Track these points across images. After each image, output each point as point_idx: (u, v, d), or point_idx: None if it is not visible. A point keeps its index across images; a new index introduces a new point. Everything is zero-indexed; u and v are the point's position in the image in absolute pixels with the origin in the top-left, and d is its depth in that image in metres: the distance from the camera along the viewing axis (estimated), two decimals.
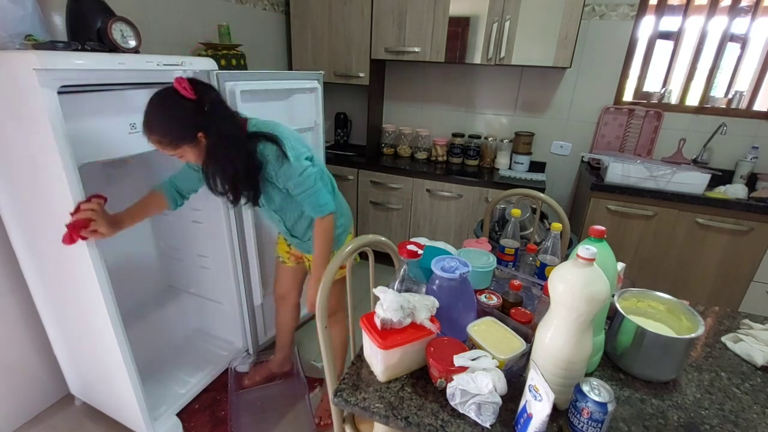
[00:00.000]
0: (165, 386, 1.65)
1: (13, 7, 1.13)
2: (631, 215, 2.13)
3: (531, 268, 1.26)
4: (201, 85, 1.07)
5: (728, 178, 2.28)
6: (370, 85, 2.63)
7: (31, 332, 1.54)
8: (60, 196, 1.11)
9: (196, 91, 1.03)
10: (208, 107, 1.05)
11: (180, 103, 1.02)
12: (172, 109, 1.03)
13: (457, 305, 0.89)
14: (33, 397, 1.60)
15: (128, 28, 1.26)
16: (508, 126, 2.73)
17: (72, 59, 1.05)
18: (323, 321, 0.96)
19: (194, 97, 1.02)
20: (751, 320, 1.10)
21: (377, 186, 2.66)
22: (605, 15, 2.32)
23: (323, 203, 1.24)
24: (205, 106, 1.05)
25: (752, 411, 0.81)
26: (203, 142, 1.07)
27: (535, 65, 2.26)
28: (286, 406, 1.69)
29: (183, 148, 1.07)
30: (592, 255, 0.68)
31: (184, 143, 1.06)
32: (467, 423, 0.74)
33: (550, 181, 2.70)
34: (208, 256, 1.82)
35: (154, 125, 1.03)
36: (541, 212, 1.75)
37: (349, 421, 1.02)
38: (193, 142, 1.06)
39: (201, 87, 1.06)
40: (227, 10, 2.26)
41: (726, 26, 2.20)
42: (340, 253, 0.98)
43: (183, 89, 1.01)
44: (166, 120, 1.03)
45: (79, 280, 1.23)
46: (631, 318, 0.88)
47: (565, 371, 0.73)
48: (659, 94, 2.41)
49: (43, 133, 1.03)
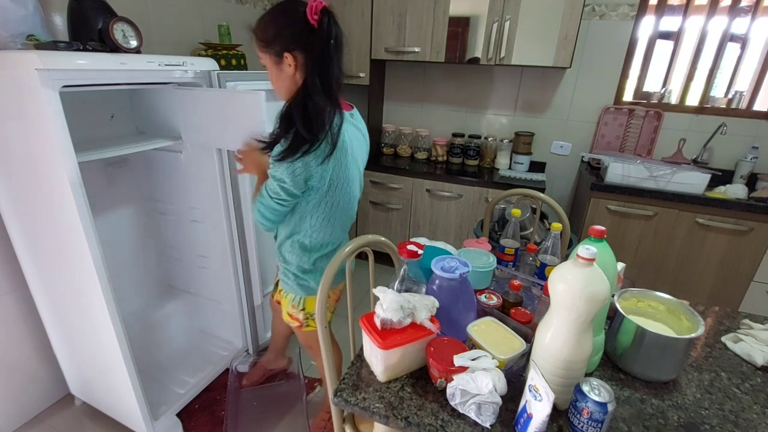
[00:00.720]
0: (165, 386, 1.65)
1: (15, 7, 1.13)
2: (631, 215, 2.13)
3: (531, 268, 1.26)
4: (330, 21, 0.98)
5: (728, 178, 2.28)
6: (370, 85, 2.63)
7: (31, 332, 1.54)
8: (61, 195, 1.11)
9: (320, 21, 0.96)
10: (317, 43, 0.97)
11: (297, 15, 0.97)
12: (287, 12, 0.99)
13: (457, 305, 0.89)
14: (33, 397, 1.60)
15: (130, 28, 1.26)
16: (508, 126, 2.73)
17: (74, 59, 1.06)
18: (323, 321, 0.96)
19: (314, 23, 0.96)
20: (751, 320, 1.10)
21: (377, 186, 2.66)
22: (605, 15, 2.32)
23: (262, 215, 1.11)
24: (315, 38, 0.97)
25: (752, 411, 0.81)
26: (287, 69, 1.02)
27: (535, 65, 2.26)
28: (286, 406, 1.69)
29: (268, 55, 1.03)
30: (592, 255, 0.68)
31: (270, 50, 1.01)
32: (467, 423, 0.74)
33: (550, 181, 2.70)
34: (208, 256, 1.82)
35: (263, 18, 1.01)
36: (541, 212, 1.75)
37: (349, 421, 1.02)
38: (279, 57, 1.01)
39: (328, 21, 0.98)
40: (227, 10, 2.26)
41: (726, 26, 2.20)
42: (340, 253, 0.98)
43: (310, 10, 0.95)
44: (272, 18, 1.00)
45: (79, 279, 1.23)
46: (631, 318, 0.88)
47: (565, 371, 0.73)
48: (659, 94, 2.41)
49: (45, 133, 1.03)
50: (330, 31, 0.99)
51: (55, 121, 1.02)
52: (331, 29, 0.99)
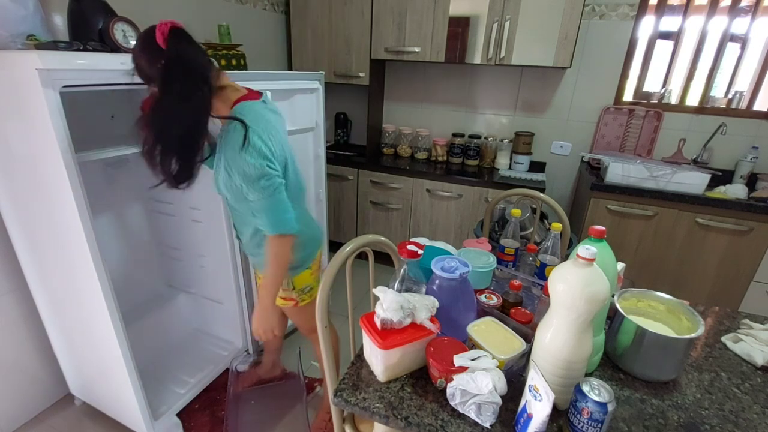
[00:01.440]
0: (165, 386, 1.65)
1: (15, 7, 1.13)
2: (631, 215, 2.13)
3: (531, 268, 1.26)
4: (178, 39, 0.97)
5: (728, 178, 2.28)
6: (370, 85, 2.63)
7: (31, 332, 1.54)
8: (61, 195, 1.11)
9: (169, 42, 0.95)
10: (165, 63, 0.96)
11: (151, 45, 0.95)
12: (144, 46, 0.97)
13: (457, 305, 0.89)
14: (33, 397, 1.60)
15: (130, 28, 1.26)
16: (508, 126, 2.73)
17: (74, 59, 1.06)
18: (323, 321, 0.96)
19: (164, 46, 0.95)
20: (751, 320, 1.10)
21: (377, 186, 2.66)
22: (605, 15, 2.32)
23: (279, 220, 1.09)
24: (163, 60, 0.96)
25: (752, 411, 0.81)
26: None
27: (535, 65, 2.26)
28: (286, 406, 1.69)
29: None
30: (592, 255, 0.69)
31: (151, 85, 1.00)
32: (467, 423, 0.74)
33: (550, 181, 2.70)
34: (208, 256, 1.82)
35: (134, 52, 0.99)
36: (541, 212, 1.75)
37: (349, 421, 1.02)
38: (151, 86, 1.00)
39: (175, 40, 0.97)
40: (227, 10, 2.26)
41: (726, 26, 2.20)
42: (340, 253, 0.98)
43: (160, 33, 0.95)
44: (138, 53, 0.98)
45: (79, 279, 1.23)
46: (631, 318, 0.88)
47: (565, 371, 0.73)
48: (659, 94, 2.41)
49: (45, 132, 1.03)
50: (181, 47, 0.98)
51: (55, 121, 1.02)
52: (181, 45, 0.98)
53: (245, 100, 1.11)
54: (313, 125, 1.98)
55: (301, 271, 1.29)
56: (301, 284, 1.31)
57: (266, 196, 1.06)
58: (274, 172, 1.07)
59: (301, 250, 1.26)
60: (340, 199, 2.81)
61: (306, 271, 1.31)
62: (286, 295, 1.32)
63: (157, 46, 0.95)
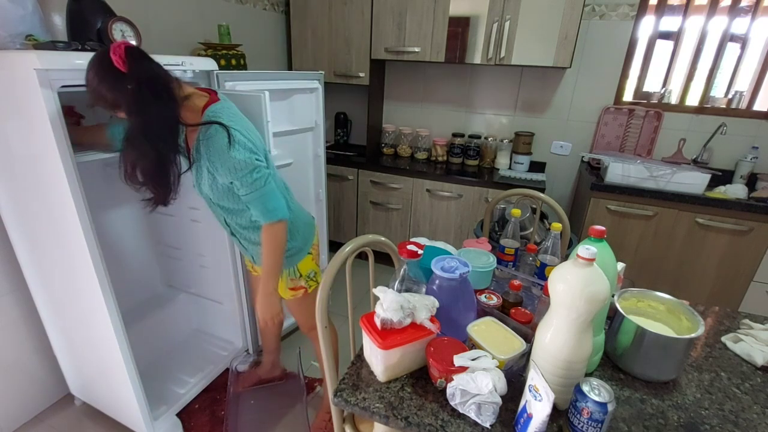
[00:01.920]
0: (165, 386, 1.65)
1: (14, 7, 1.13)
2: (631, 215, 2.13)
3: (531, 268, 1.25)
4: (136, 58, 0.96)
5: (728, 178, 2.28)
6: (370, 85, 2.63)
7: (31, 332, 1.54)
8: (60, 195, 1.11)
9: (129, 64, 0.93)
10: (134, 85, 0.94)
11: (110, 70, 0.93)
12: (102, 74, 0.94)
13: (457, 305, 0.89)
14: (33, 397, 1.60)
15: (128, 28, 1.26)
16: (508, 126, 2.73)
17: (72, 59, 1.05)
18: (323, 321, 0.96)
19: (125, 69, 0.93)
20: (751, 320, 1.10)
21: (377, 186, 2.66)
22: (605, 15, 2.32)
23: (273, 207, 1.15)
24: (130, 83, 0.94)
25: (752, 411, 0.81)
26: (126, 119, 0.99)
27: (535, 65, 2.26)
28: (286, 406, 1.69)
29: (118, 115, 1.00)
30: (592, 255, 0.68)
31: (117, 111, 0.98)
32: (467, 423, 0.74)
33: (550, 181, 2.70)
34: (208, 256, 1.82)
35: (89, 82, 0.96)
36: (541, 212, 1.75)
37: (349, 421, 1.02)
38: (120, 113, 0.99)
39: (134, 60, 0.95)
40: (227, 10, 2.26)
41: (726, 26, 2.20)
42: (340, 253, 0.98)
43: (117, 58, 0.92)
44: (98, 83, 0.95)
45: (78, 279, 1.23)
46: (631, 318, 0.88)
47: (565, 371, 0.73)
48: (659, 94, 2.41)
49: (43, 132, 1.03)
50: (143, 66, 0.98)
51: (53, 121, 1.02)
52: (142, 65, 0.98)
53: (212, 103, 1.13)
54: (312, 125, 1.98)
55: (303, 257, 1.34)
56: (305, 270, 1.36)
57: (258, 188, 1.11)
58: (262, 164, 1.12)
59: (297, 235, 1.30)
60: (340, 199, 2.81)
61: (308, 257, 1.36)
62: (294, 285, 1.35)
63: (116, 71, 0.94)
